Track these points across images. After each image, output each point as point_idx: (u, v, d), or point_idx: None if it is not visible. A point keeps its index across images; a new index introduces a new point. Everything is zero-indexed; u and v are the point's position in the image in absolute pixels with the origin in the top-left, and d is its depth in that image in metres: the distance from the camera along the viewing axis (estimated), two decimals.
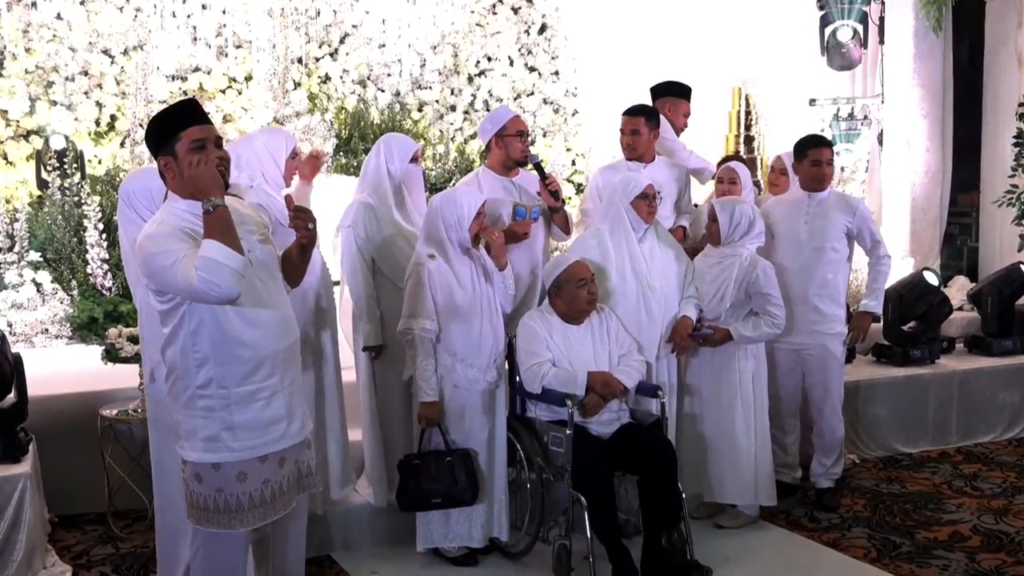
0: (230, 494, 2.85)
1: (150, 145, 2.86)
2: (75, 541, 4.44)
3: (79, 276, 5.95)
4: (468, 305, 3.97)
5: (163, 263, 2.68)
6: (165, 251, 2.68)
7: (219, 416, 2.83)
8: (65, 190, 6.32)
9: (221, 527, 2.87)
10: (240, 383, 2.83)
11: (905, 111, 8.15)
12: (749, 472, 4.47)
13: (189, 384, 2.82)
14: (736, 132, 8.29)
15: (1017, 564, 4.18)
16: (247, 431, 2.85)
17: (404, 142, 4.39)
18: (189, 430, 2.85)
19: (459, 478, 3.91)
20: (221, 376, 2.82)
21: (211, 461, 2.84)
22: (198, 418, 2.83)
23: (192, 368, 2.81)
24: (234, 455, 2.84)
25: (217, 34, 7.60)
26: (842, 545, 4.42)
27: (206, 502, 2.86)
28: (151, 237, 2.74)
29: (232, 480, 2.85)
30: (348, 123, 7.81)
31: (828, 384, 4.84)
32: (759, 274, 4.42)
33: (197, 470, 2.86)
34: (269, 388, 2.89)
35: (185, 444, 2.87)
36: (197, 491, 2.87)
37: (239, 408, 2.84)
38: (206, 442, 2.83)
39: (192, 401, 2.83)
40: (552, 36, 8.82)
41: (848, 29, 8.02)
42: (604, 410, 4.07)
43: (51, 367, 5.17)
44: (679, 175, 5.05)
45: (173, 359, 2.85)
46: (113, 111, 7.42)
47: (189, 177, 2.72)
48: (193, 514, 2.92)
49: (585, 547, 3.84)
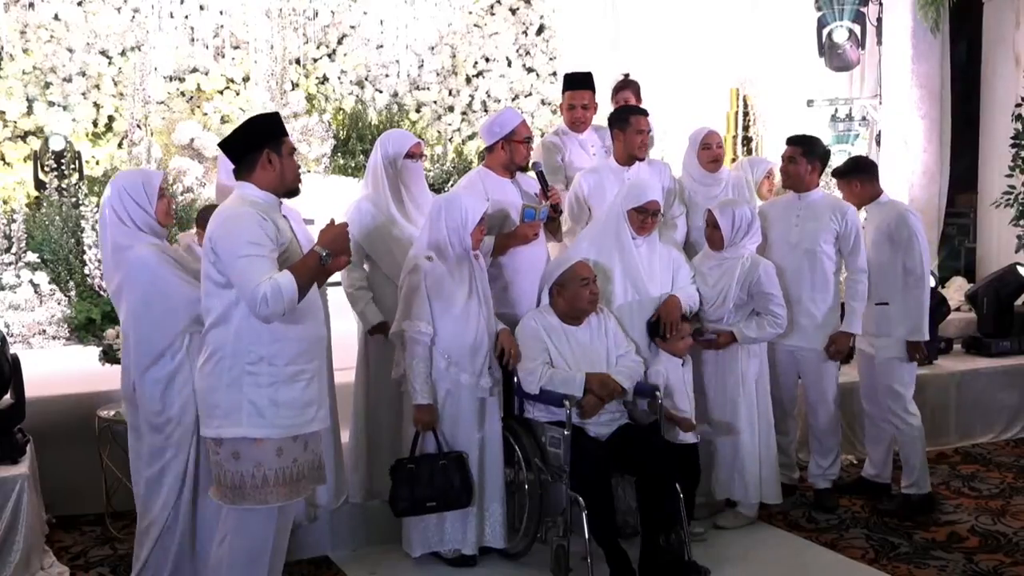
0: (268, 468, 3.07)
1: (253, 139, 3.15)
2: (73, 542, 4.43)
3: (77, 277, 5.95)
4: (464, 309, 3.96)
5: (246, 266, 2.97)
6: (249, 257, 2.98)
7: (266, 392, 3.05)
8: (63, 191, 6.32)
9: (256, 503, 3.09)
10: (288, 363, 3.09)
11: (903, 111, 8.14)
12: (754, 468, 4.50)
13: (237, 362, 3.04)
14: (734, 133, 8.30)
15: (1015, 564, 4.18)
16: (288, 409, 3.09)
17: (401, 136, 4.39)
18: (231, 407, 3.05)
19: (454, 481, 3.91)
20: (272, 354, 3.06)
21: (254, 436, 3.05)
22: (245, 394, 3.04)
23: (244, 346, 3.04)
24: (275, 431, 3.07)
25: (215, 35, 7.60)
26: (840, 546, 4.42)
27: (243, 479, 3.07)
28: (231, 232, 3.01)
29: (271, 455, 3.07)
30: (346, 124, 7.82)
31: (823, 385, 4.84)
32: (761, 274, 4.43)
33: (236, 447, 3.06)
34: (310, 371, 3.16)
35: (224, 422, 3.06)
36: (233, 469, 3.07)
37: (285, 386, 3.08)
38: (251, 417, 3.05)
39: (239, 379, 3.05)
40: (550, 37, 8.83)
41: (844, 30, 8.03)
42: (602, 411, 4.07)
43: (49, 368, 5.16)
44: (663, 177, 4.87)
45: (221, 339, 3.06)
46: (111, 112, 7.43)
47: (335, 236, 3.14)
48: (226, 494, 3.11)
49: (583, 548, 3.83)
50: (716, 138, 4.99)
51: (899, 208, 4.88)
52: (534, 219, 4.34)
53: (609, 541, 3.86)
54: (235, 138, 3.22)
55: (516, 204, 4.40)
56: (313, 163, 7.50)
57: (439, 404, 3.97)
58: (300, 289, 3.01)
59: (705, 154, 4.94)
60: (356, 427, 4.38)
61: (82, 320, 5.86)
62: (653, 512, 3.95)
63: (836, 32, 8.06)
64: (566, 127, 5.15)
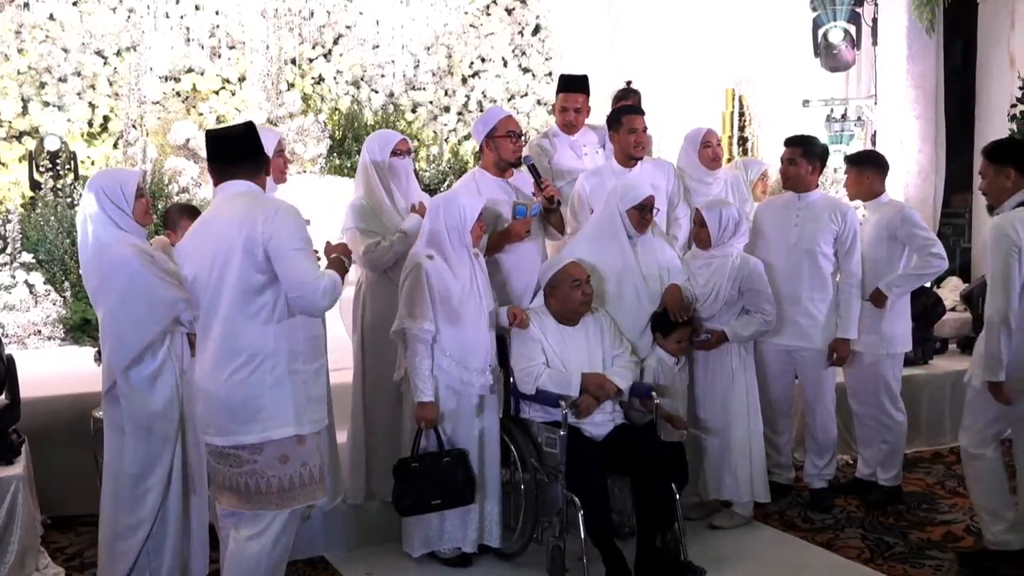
0: (313, 465, 3.18)
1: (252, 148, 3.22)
2: (68, 543, 4.43)
3: (72, 277, 5.94)
4: (464, 307, 3.96)
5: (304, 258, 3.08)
6: (305, 251, 3.09)
7: (303, 389, 3.15)
8: (58, 191, 6.31)
9: (306, 500, 3.19)
10: (312, 360, 3.21)
11: (898, 112, 8.16)
12: (745, 468, 4.50)
13: (279, 362, 3.09)
14: (730, 133, 8.30)
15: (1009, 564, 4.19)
16: (318, 404, 3.22)
17: (385, 136, 4.41)
18: (277, 408, 3.09)
19: (457, 478, 3.91)
20: (303, 352, 3.16)
21: (302, 433, 3.13)
22: (288, 393, 3.10)
23: (285, 346, 3.10)
24: (314, 426, 3.18)
25: (210, 35, 7.59)
26: (836, 545, 4.43)
27: (291, 480, 3.12)
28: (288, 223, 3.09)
29: (313, 451, 3.18)
30: (342, 124, 7.81)
31: (821, 385, 4.85)
32: (751, 271, 4.47)
33: (282, 450, 3.10)
34: (323, 367, 3.35)
35: (270, 424, 3.08)
36: (283, 473, 3.11)
37: (314, 382, 3.20)
38: (300, 414, 3.12)
39: (283, 378, 3.10)
40: (546, 37, 8.83)
41: (839, 31, 8.04)
42: (597, 411, 4.07)
43: (44, 368, 5.15)
44: (668, 176, 4.93)
45: (261, 342, 3.08)
46: (106, 112, 7.41)
47: (343, 250, 3.53)
48: (274, 500, 3.12)
49: (579, 548, 3.84)
50: (715, 136, 5.14)
51: (902, 207, 4.94)
52: (525, 216, 4.35)
53: (605, 541, 3.86)
54: (248, 141, 3.24)
55: (508, 202, 4.41)
56: (309, 163, 7.49)
57: (439, 401, 3.97)
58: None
59: (706, 152, 5.04)
60: (354, 428, 4.38)
61: (77, 320, 5.85)
62: (649, 512, 3.95)
63: (831, 32, 8.07)
64: (557, 128, 5.16)
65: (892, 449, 4.96)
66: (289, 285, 3.06)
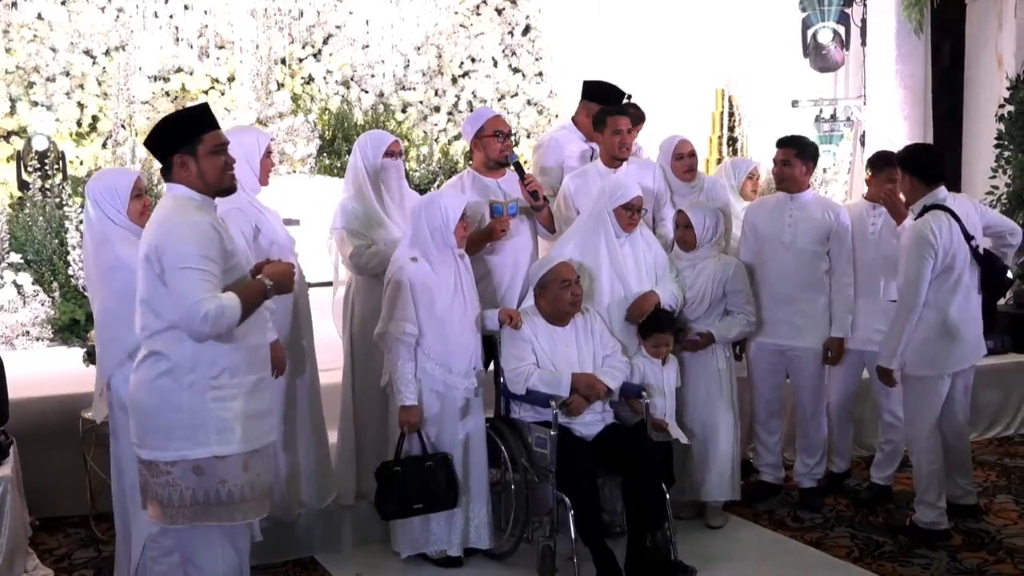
0: (234, 484, 2.90)
1: (164, 142, 2.98)
2: (57, 544, 4.41)
3: (60, 278, 5.92)
4: (449, 310, 3.96)
5: (191, 279, 2.80)
6: (197, 270, 2.81)
7: (230, 405, 2.90)
8: (46, 191, 6.29)
9: (223, 520, 2.91)
10: (248, 371, 2.96)
11: (887, 112, 8.18)
12: (727, 468, 4.53)
13: (199, 376, 2.87)
14: (719, 134, 8.32)
15: (998, 563, 4.20)
16: (253, 420, 2.96)
17: (378, 136, 4.41)
18: (194, 427, 2.86)
19: (440, 482, 3.90)
20: (235, 364, 2.92)
21: (221, 454, 2.87)
22: (210, 411, 2.87)
23: (207, 357, 2.87)
24: (242, 445, 2.91)
25: (199, 35, 7.57)
26: (825, 544, 4.44)
27: (207, 496, 2.87)
28: (185, 239, 2.83)
29: (237, 469, 2.91)
30: (332, 124, 7.80)
31: (813, 385, 4.86)
32: (735, 272, 4.54)
33: (198, 463, 2.87)
34: (266, 379, 3.07)
35: (184, 444, 2.86)
36: (195, 485, 2.87)
37: (249, 396, 2.95)
38: (219, 433, 2.88)
39: (203, 393, 2.87)
40: (536, 37, 8.83)
41: (828, 31, 8.07)
42: (588, 411, 4.07)
43: (32, 369, 5.14)
44: (654, 177, 4.89)
45: (178, 350, 2.86)
46: (95, 112, 7.39)
47: (283, 272, 3.05)
48: (186, 513, 2.89)
49: (569, 548, 3.84)
50: (688, 147, 5.02)
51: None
52: (502, 214, 4.35)
53: (595, 541, 3.86)
54: (148, 143, 3.06)
55: (487, 203, 4.41)
56: (299, 163, 7.48)
57: (423, 405, 3.96)
58: (243, 315, 2.87)
59: (679, 165, 4.98)
60: (344, 429, 4.38)
61: (66, 321, 5.83)
62: (639, 511, 3.96)
63: (821, 33, 8.11)
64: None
65: (893, 449, 4.97)
66: (173, 305, 2.83)
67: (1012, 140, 7.24)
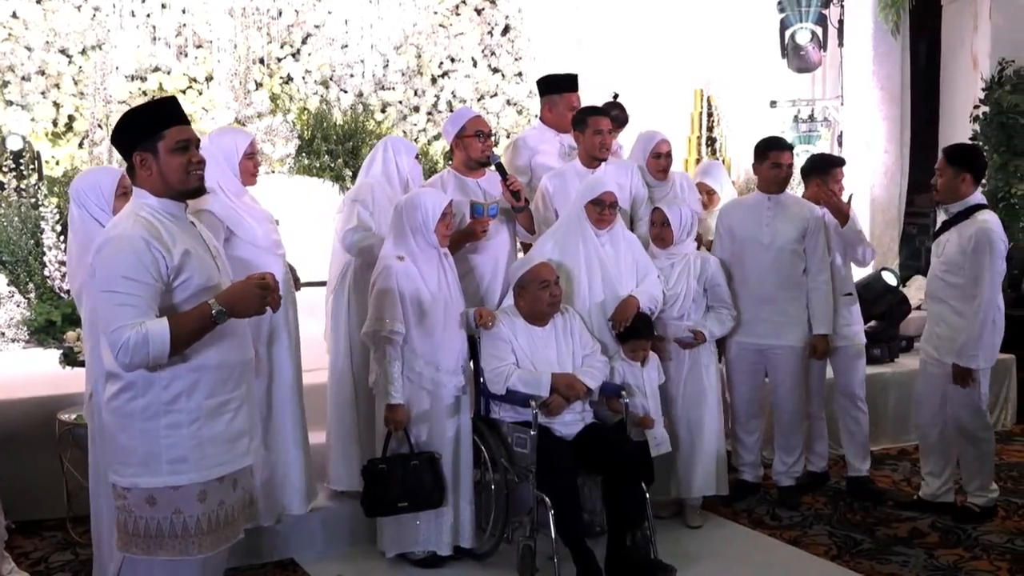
0: (189, 516, 2.65)
1: (125, 139, 2.72)
2: (33, 547, 4.38)
3: (36, 279, 5.86)
4: (435, 308, 3.96)
5: (112, 303, 2.56)
6: (119, 294, 2.55)
7: (186, 432, 2.64)
8: (22, 191, 6.23)
9: (176, 554, 2.65)
10: (210, 394, 2.69)
11: (864, 113, 8.24)
12: (712, 464, 4.56)
13: (153, 400, 2.62)
14: (698, 134, 8.36)
15: (974, 559, 4.24)
16: (214, 446, 2.69)
17: (408, 142, 4.68)
18: (147, 454, 2.62)
19: (425, 481, 3.90)
20: (191, 387, 2.65)
21: (175, 484, 2.63)
22: (162, 438, 2.62)
23: (160, 379, 2.62)
24: (200, 474, 2.65)
25: (177, 34, 7.53)
26: (803, 543, 4.46)
27: (159, 527, 2.64)
28: (111, 259, 2.59)
29: (192, 500, 2.65)
30: (310, 124, 7.76)
31: (792, 383, 4.88)
32: (713, 268, 4.59)
33: (151, 492, 2.63)
34: (237, 399, 2.76)
35: (140, 471, 2.63)
36: (148, 515, 2.64)
37: (208, 422, 2.68)
38: (172, 463, 2.63)
39: (155, 418, 2.63)
40: (515, 37, 8.83)
41: (806, 32, 8.12)
42: (567, 411, 4.08)
43: (8, 371, 5.10)
44: (631, 176, 4.88)
45: (131, 372, 2.61)
46: (71, 111, 7.32)
47: (245, 294, 2.64)
48: (137, 543, 2.66)
49: (550, 547, 3.85)
50: (666, 147, 5.01)
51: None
52: (482, 215, 4.36)
53: (576, 540, 3.87)
54: (112, 139, 2.78)
55: (467, 202, 4.42)
56: (277, 163, 7.44)
57: (412, 403, 3.96)
58: (175, 344, 2.55)
59: (654, 163, 4.96)
60: (345, 420, 4.38)
61: (42, 322, 5.77)
62: (619, 511, 3.97)
63: (799, 34, 8.15)
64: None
65: (862, 442, 5.09)
66: (99, 327, 2.58)
67: (987, 141, 7.32)
